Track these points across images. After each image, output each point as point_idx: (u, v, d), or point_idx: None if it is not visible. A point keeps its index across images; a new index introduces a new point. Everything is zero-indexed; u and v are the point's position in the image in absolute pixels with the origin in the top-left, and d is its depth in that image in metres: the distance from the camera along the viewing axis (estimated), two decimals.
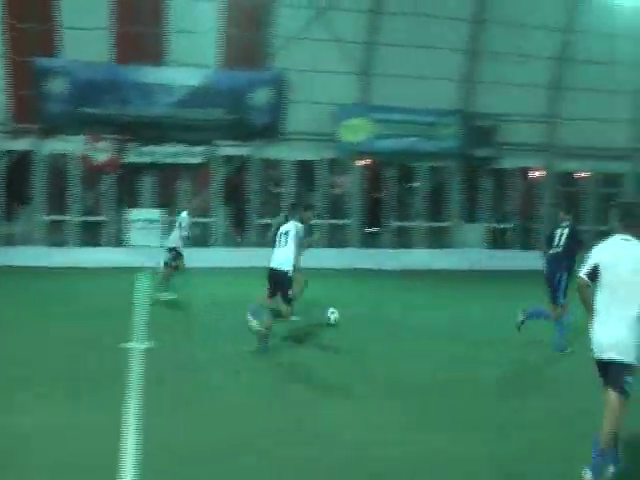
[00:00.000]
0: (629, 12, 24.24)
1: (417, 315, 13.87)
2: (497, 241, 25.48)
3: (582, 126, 25.18)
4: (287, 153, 23.61)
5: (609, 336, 5.77)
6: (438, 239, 24.95)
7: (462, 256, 23.73)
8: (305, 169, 23.96)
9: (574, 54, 25.03)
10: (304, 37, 22.79)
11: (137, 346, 10.11)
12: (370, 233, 24.36)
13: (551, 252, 10.94)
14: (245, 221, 23.30)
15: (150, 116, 21.83)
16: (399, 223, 24.70)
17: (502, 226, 25.79)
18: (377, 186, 24.39)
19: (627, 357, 5.67)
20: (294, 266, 10.28)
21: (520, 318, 10.78)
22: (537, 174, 26.13)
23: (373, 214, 24.19)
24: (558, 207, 11.60)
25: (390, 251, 23.81)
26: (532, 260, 23.50)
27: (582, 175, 26.70)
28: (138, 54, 21.85)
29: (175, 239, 15.06)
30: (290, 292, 10.10)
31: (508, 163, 25.34)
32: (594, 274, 5.89)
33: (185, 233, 15.32)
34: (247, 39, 22.97)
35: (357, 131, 23.40)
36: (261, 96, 22.65)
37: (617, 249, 5.89)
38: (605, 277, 5.86)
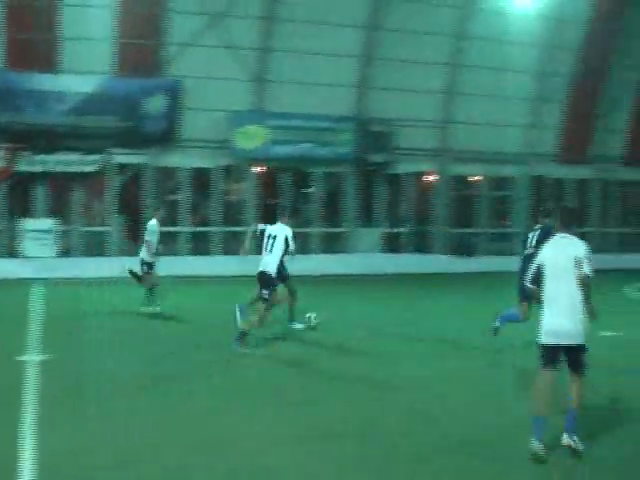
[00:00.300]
0: (522, 19, 26.24)
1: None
2: (392, 245, 27.64)
3: (475, 131, 27.50)
4: (183, 160, 24.91)
5: (563, 323, 7.22)
6: (334, 244, 26.90)
7: (358, 261, 25.65)
8: (201, 176, 25.38)
9: (467, 60, 27.15)
10: (199, 44, 24.12)
11: (32, 359, 10.68)
12: None
13: (525, 253, 13.09)
14: (140, 230, 24.61)
15: (43, 124, 22.73)
16: (295, 229, 26.32)
17: (397, 230, 27.94)
18: (273, 192, 25.93)
19: (582, 339, 7.20)
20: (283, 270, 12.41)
21: (495, 324, 12.02)
22: (431, 178, 28.35)
23: (269, 220, 25.74)
24: (538, 211, 13.54)
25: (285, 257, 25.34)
26: (428, 263, 26.03)
27: (475, 179, 29.17)
28: (31, 61, 22.75)
29: (145, 251, 15.67)
30: (266, 292, 11.70)
31: (403, 168, 27.29)
32: (537, 277, 7.48)
33: (151, 240, 15.74)
34: (142, 46, 24.12)
35: (252, 138, 24.92)
36: (156, 103, 23.90)
37: (558, 246, 7.47)
38: (550, 272, 7.38)
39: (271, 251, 12.07)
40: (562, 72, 28.84)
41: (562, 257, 7.35)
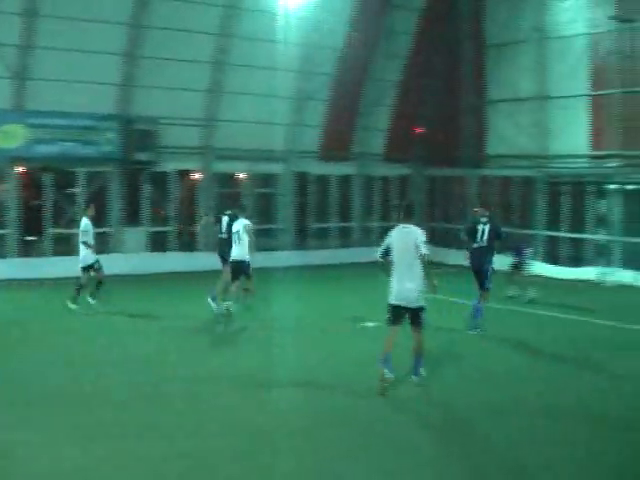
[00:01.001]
0: (286, 19, 29.80)
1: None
2: (158, 244, 30.79)
3: (240, 129, 30.96)
4: None
5: (407, 290, 11.82)
6: (99, 245, 29.67)
7: (123, 261, 28.51)
8: None
9: (232, 59, 30.47)
10: None
11: None
12: (29, 242, 28.09)
13: (475, 246, 17.20)
14: None
15: None
16: (58, 230, 28.51)
17: (163, 229, 31.13)
18: (35, 193, 28.12)
19: (421, 302, 11.92)
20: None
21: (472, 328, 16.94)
22: (196, 176, 32.01)
23: (32, 222, 27.95)
24: (478, 205, 19.08)
25: (52, 259, 27.67)
26: (194, 261, 29.66)
27: (240, 176, 33.22)
28: None
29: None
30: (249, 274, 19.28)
31: (168, 166, 30.39)
32: (387, 252, 12.08)
33: (85, 239, 18.85)
34: None
35: (11, 137, 26.80)
36: None
37: (400, 234, 12.07)
38: (395, 252, 11.97)
39: (240, 242, 18.71)
40: (324, 71, 33.07)
41: (405, 241, 12.01)
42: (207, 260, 27.25)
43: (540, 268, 28.41)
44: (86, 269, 19.32)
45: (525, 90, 31.72)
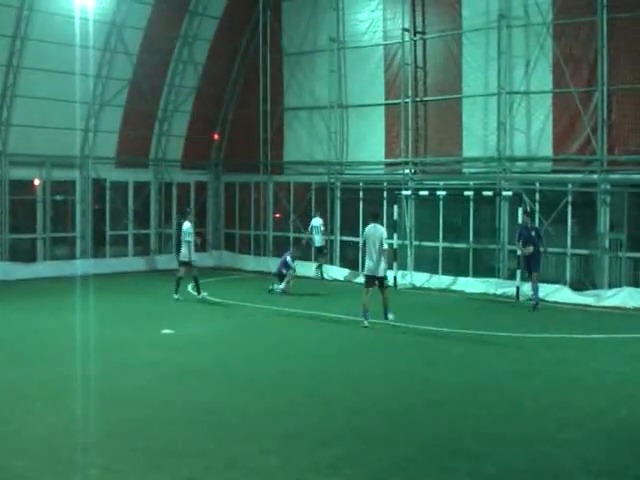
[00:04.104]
0: (82, 22, 29.10)
1: None
2: None
3: (33, 134, 30.16)
4: None
5: (374, 265, 19.68)
6: None
7: None
8: None
9: (25, 62, 29.46)
10: None
11: None
12: None
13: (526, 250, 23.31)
14: None
15: None
16: None
17: None
18: None
19: (383, 273, 19.88)
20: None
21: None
22: None
23: None
24: (526, 214, 24.61)
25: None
26: None
27: (35, 182, 32.05)
28: None
29: None
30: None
31: None
32: (365, 243, 19.95)
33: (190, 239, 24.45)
34: None
35: None
36: None
37: (372, 229, 20.00)
38: (368, 241, 19.78)
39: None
40: (121, 77, 32.72)
41: (374, 234, 19.80)
42: None
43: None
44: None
45: (322, 98, 32.43)
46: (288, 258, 27.26)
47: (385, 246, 19.69)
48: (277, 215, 35.60)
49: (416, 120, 29.67)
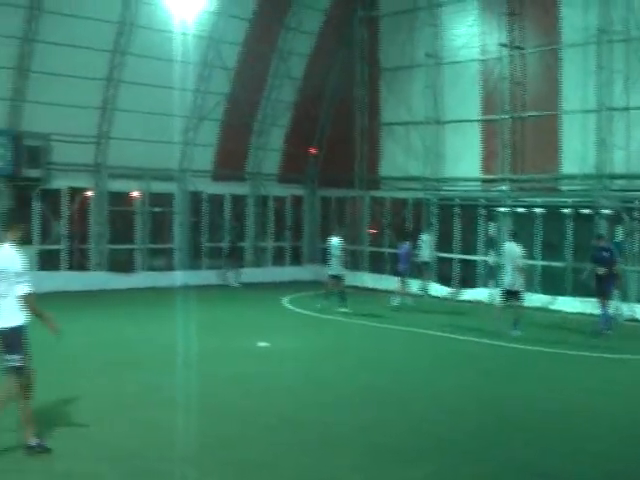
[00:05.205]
0: (181, 37, 29.21)
1: None
2: (49, 263, 30.06)
3: (133, 147, 30.63)
4: None
5: (511, 280, 20.79)
6: None
7: None
8: None
9: (125, 76, 30.08)
10: None
11: None
12: None
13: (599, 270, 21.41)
14: None
15: None
16: None
17: (53, 247, 30.56)
18: None
19: (519, 287, 20.86)
20: None
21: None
22: (88, 194, 31.38)
23: None
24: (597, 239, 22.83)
25: None
26: (86, 280, 29.24)
27: (133, 194, 32.73)
28: None
29: None
30: None
31: (59, 184, 29.74)
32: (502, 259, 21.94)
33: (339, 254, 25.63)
34: None
35: None
36: None
37: (510, 246, 21.16)
38: (506, 258, 21.27)
39: None
40: (219, 91, 33.09)
41: (511, 252, 21.00)
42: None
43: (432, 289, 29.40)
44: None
45: (418, 114, 32.14)
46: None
47: (521, 263, 20.79)
48: (373, 230, 35.35)
49: (513, 136, 29.06)
